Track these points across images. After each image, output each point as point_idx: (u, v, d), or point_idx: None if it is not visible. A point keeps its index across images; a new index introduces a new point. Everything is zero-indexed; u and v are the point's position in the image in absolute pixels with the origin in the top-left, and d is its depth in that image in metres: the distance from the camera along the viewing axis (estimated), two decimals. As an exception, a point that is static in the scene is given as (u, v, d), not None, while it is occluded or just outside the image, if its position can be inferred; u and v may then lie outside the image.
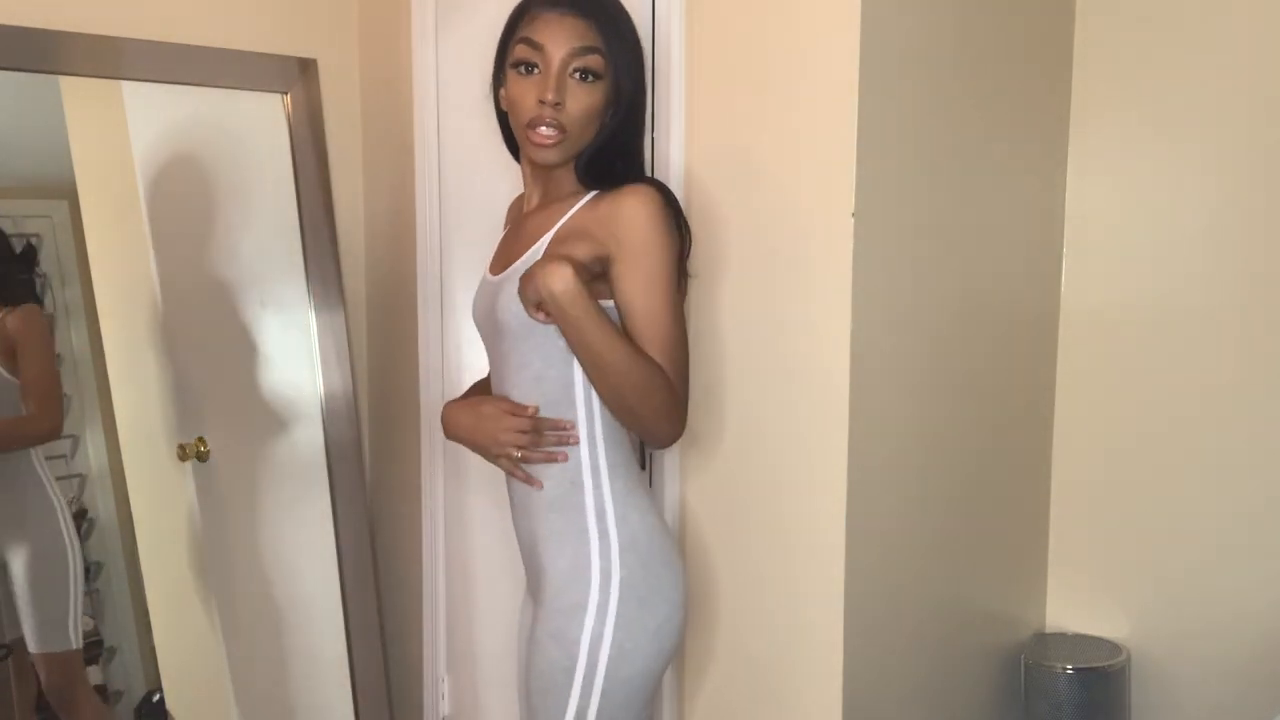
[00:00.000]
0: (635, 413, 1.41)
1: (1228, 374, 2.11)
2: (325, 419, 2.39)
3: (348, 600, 2.39)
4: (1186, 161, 2.15)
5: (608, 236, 1.41)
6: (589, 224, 1.44)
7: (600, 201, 1.45)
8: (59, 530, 2.17)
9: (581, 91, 1.43)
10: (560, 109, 1.42)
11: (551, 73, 1.42)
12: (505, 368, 1.49)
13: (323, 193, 2.40)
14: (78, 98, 2.16)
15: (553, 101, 1.41)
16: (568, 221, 1.46)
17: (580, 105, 1.43)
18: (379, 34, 2.47)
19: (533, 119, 1.43)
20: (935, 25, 1.84)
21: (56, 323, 2.23)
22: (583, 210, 1.46)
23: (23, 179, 2.18)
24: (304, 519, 2.43)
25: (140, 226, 2.32)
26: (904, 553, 1.89)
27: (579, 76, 1.43)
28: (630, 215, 1.40)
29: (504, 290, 1.47)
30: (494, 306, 1.49)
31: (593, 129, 1.46)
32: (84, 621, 2.28)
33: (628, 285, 1.40)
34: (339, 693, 2.41)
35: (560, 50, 1.42)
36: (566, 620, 1.45)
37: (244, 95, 2.30)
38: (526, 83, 1.44)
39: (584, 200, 1.48)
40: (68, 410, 2.25)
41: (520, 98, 1.44)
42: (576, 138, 1.45)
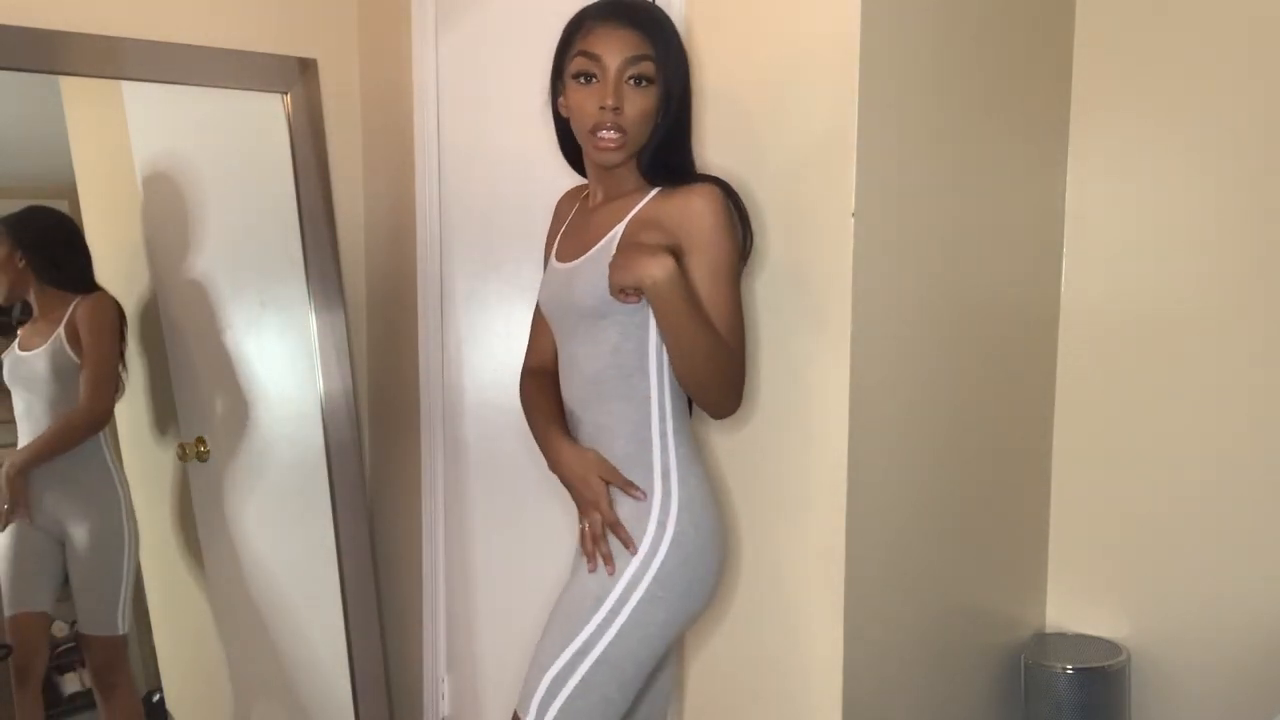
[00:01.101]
0: (706, 386, 1.57)
1: (1228, 374, 2.11)
2: (325, 419, 2.39)
3: (348, 600, 2.39)
4: (1186, 162, 2.15)
5: (677, 229, 1.56)
6: (659, 217, 1.58)
7: (667, 198, 1.60)
8: (120, 518, 2.26)
9: (637, 96, 1.56)
10: (619, 113, 1.55)
11: (609, 81, 1.55)
12: (580, 344, 1.62)
13: (323, 193, 2.40)
14: (78, 98, 2.16)
15: (612, 107, 1.54)
16: (637, 214, 1.60)
17: (637, 109, 1.56)
18: (379, 34, 2.47)
19: (595, 124, 1.56)
20: (935, 26, 1.84)
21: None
22: (650, 205, 1.60)
23: (23, 179, 2.18)
24: (304, 519, 2.43)
25: (140, 226, 2.32)
26: (904, 553, 1.89)
27: (633, 83, 1.56)
28: (700, 212, 1.56)
29: (581, 275, 1.61)
30: (570, 290, 1.62)
31: (649, 129, 1.59)
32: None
33: (696, 275, 1.55)
34: (339, 693, 2.41)
35: (616, 60, 1.55)
36: (613, 556, 1.59)
37: (244, 95, 2.30)
38: (586, 91, 1.57)
39: (649, 196, 1.62)
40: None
41: (582, 105, 1.58)
42: (636, 138, 1.58)
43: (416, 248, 2.38)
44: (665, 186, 1.62)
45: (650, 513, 1.59)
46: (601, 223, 1.64)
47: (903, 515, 1.88)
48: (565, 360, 1.67)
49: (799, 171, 1.72)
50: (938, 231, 1.90)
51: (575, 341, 1.63)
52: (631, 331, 1.59)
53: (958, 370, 1.99)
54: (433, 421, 2.39)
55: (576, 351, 1.63)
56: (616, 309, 1.57)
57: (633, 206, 1.61)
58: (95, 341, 2.18)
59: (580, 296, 1.60)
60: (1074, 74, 2.23)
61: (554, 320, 1.69)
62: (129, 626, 2.28)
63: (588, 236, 1.64)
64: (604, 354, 1.60)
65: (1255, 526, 2.10)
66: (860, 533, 1.72)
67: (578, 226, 1.70)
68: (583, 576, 1.60)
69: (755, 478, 1.82)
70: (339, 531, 2.39)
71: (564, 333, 1.66)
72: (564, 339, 1.67)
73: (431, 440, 2.40)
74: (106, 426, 2.23)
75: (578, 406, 1.65)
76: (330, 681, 2.42)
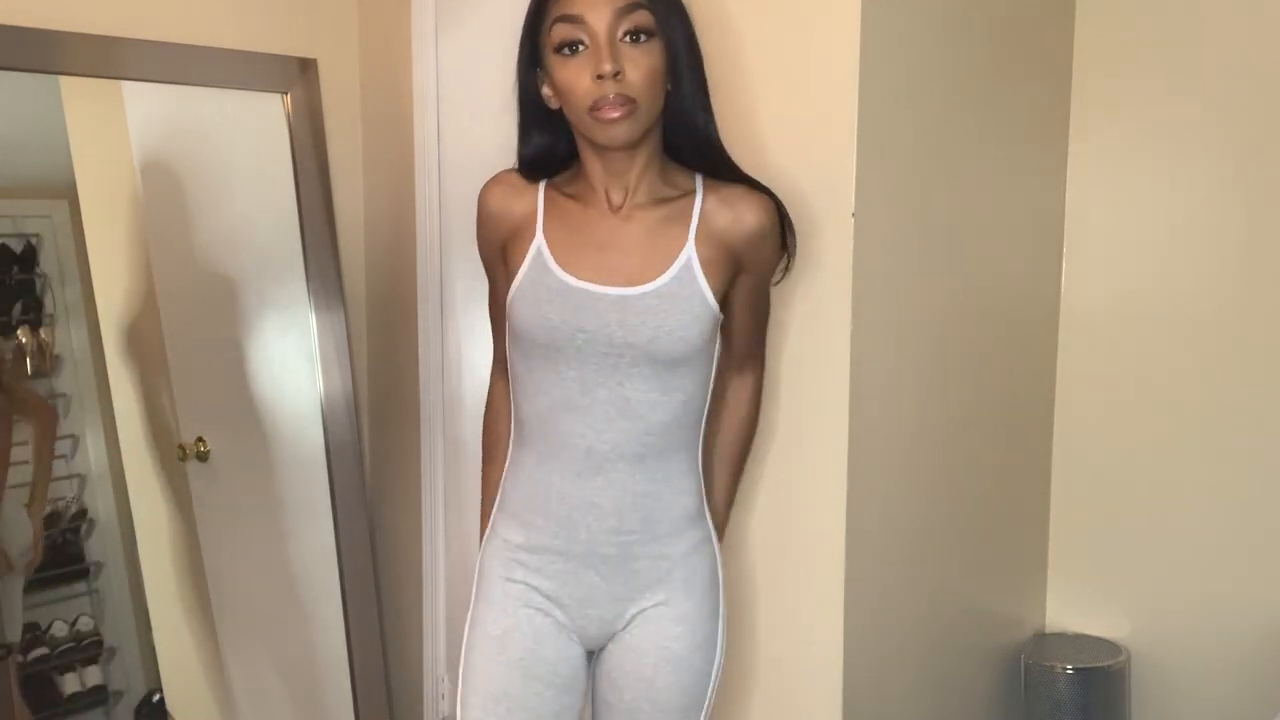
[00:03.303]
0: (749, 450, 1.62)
1: (1228, 374, 2.11)
2: (325, 419, 2.39)
3: (348, 600, 2.39)
4: (1186, 161, 2.15)
5: (742, 251, 1.43)
6: (718, 231, 1.40)
7: (719, 199, 1.41)
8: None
9: (638, 54, 1.31)
10: (621, 79, 1.30)
11: (602, 43, 1.30)
12: (641, 389, 1.38)
13: (323, 193, 2.40)
14: (78, 98, 2.16)
15: (612, 72, 1.29)
16: (699, 228, 1.40)
17: (641, 70, 1.31)
18: (379, 34, 2.46)
19: (595, 100, 1.30)
20: (936, 25, 1.84)
21: (56, 323, 2.23)
22: (704, 212, 1.40)
23: (23, 179, 2.18)
24: (304, 519, 2.43)
25: (140, 226, 2.32)
26: (904, 552, 1.89)
27: (630, 39, 1.32)
28: (764, 235, 1.43)
29: (653, 310, 1.36)
30: (627, 323, 1.36)
31: (660, 94, 1.35)
32: (84, 621, 2.28)
33: (746, 296, 1.49)
34: (339, 693, 2.41)
35: (603, 16, 1.30)
36: (711, 626, 1.49)
37: (244, 95, 2.30)
38: (575, 63, 1.31)
39: (698, 197, 1.41)
40: (67, 411, 2.25)
41: (573, 81, 1.32)
42: (648, 107, 1.33)
43: (416, 248, 2.38)
44: (709, 175, 1.43)
45: (718, 570, 1.52)
46: (648, 238, 1.38)
47: (903, 515, 1.87)
48: (600, 404, 1.38)
49: (799, 171, 1.72)
50: (938, 231, 1.90)
51: (631, 386, 1.37)
52: (705, 378, 1.45)
53: (958, 370, 1.99)
54: (433, 421, 2.39)
55: (631, 398, 1.37)
56: (703, 354, 1.41)
57: (688, 215, 1.39)
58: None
59: (660, 337, 1.35)
60: (1074, 74, 2.22)
61: (576, 353, 1.38)
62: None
63: (632, 254, 1.38)
64: (676, 402, 1.40)
65: (1255, 526, 2.10)
66: (860, 533, 1.72)
67: (593, 234, 1.40)
68: (684, 657, 1.46)
69: (755, 477, 1.82)
70: (339, 531, 2.39)
71: (603, 372, 1.38)
72: (601, 379, 1.38)
73: (431, 440, 2.40)
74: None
75: (622, 463, 1.39)
76: (330, 681, 2.42)
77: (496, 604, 1.47)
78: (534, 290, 1.39)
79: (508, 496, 1.49)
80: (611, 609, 1.45)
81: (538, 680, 1.45)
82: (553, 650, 1.46)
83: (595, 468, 1.40)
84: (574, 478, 1.40)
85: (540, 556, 1.45)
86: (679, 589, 1.46)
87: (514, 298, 1.42)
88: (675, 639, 1.45)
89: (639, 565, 1.44)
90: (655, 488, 1.42)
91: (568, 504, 1.42)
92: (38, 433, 2.17)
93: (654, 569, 1.45)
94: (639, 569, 1.44)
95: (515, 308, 1.41)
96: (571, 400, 1.39)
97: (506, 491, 1.50)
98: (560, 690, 1.46)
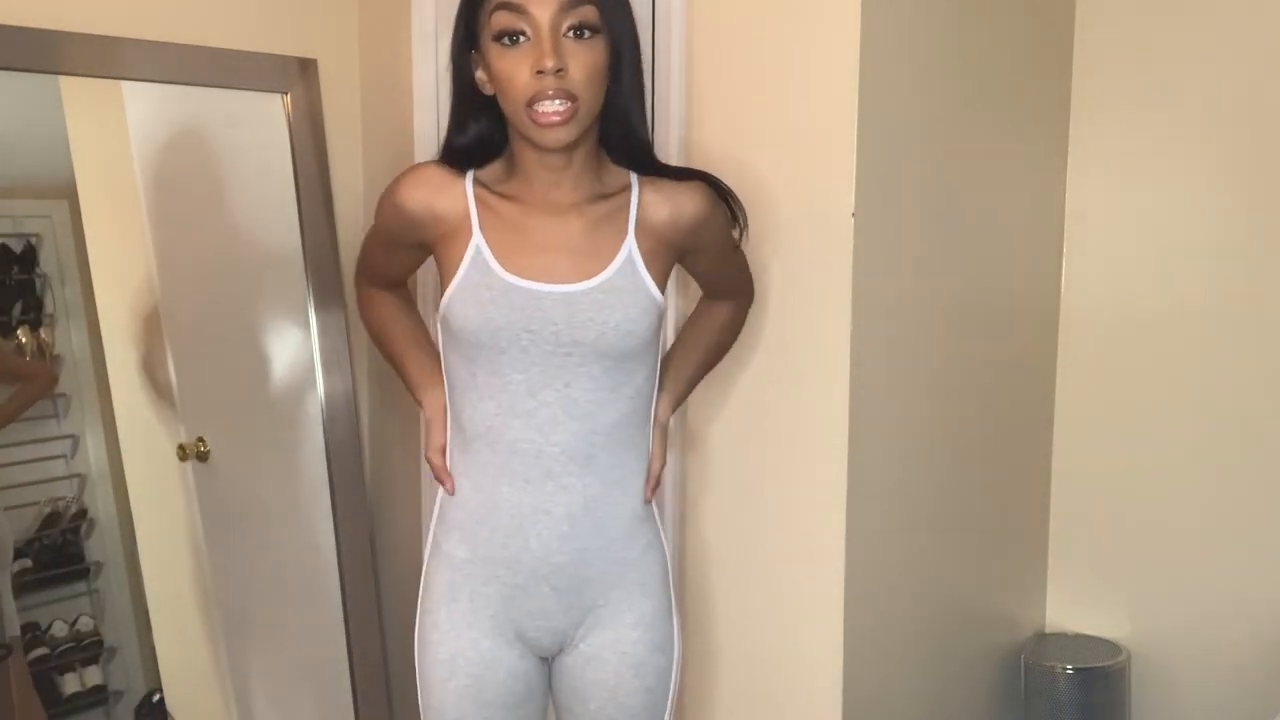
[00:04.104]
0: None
1: (1228, 373, 2.11)
2: (325, 419, 2.39)
3: (348, 600, 2.39)
4: (1186, 161, 2.15)
5: (681, 240, 1.42)
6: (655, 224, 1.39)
7: (654, 193, 1.39)
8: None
9: (581, 50, 1.27)
10: (563, 75, 1.25)
11: (544, 36, 1.25)
12: (588, 388, 1.36)
13: (323, 193, 2.40)
14: (78, 98, 2.16)
15: (554, 68, 1.24)
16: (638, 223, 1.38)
17: (584, 67, 1.27)
18: (379, 34, 2.46)
19: (534, 95, 1.26)
20: (935, 25, 1.84)
21: (56, 323, 2.23)
22: (641, 207, 1.39)
23: (23, 179, 2.18)
24: (304, 519, 2.43)
25: (140, 226, 2.32)
26: (904, 552, 1.89)
27: (573, 35, 1.27)
28: (709, 217, 1.42)
29: (601, 305, 1.34)
30: (575, 320, 1.33)
31: (601, 92, 1.31)
32: (83, 621, 2.28)
33: (708, 263, 1.51)
34: (339, 693, 2.41)
35: (548, 9, 1.25)
36: (667, 625, 1.47)
37: (244, 95, 2.30)
38: (515, 54, 1.26)
39: (634, 192, 1.39)
40: (67, 411, 2.25)
41: (511, 73, 1.26)
42: (589, 106, 1.29)
43: (416, 248, 2.37)
44: (640, 173, 1.41)
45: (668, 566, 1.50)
46: (588, 235, 1.36)
47: (903, 515, 1.87)
48: (547, 407, 1.36)
49: (799, 171, 1.72)
50: (938, 231, 1.90)
51: (578, 386, 1.35)
52: (651, 373, 1.42)
53: (958, 370, 1.99)
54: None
55: (579, 399, 1.35)
56: (649, 349, 1.39)
57: (626, 210, 1.37)
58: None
59: (606, 333, 1.34)
60: (1074, 73, 2.23)
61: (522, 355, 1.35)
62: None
63: (574, 252, 1.35)
64: (624, 400, 1.38)
65: (1255, 527, 2.10)
66: (860, 532, 1.72)
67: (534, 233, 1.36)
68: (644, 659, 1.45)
69: (755, 477, 1.82)
70: (339, 531, 2.39)
71: (549, 373, 1.35)
72: (548, 380, 1.35)
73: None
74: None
75: (575, 463, 1.37)
76: (330, 681, 2.42)
77: (441, 627, 1.44)
78: (475, 292, 1.35)
79: (451, 506, 1.45)
80: (565, 619, 1.43)
81: (489, 705, 1.43)
82: (504, 672, 1.43)
83: (545, 473, 1.36)
84: (523, 485, 1.37)
85: (488, 570, 1.42)
86: (634, 591, 1.44)
87: (452, 300, 1.36)
88: (634, 643, 1.43)
89: (591, 573, 1.41)
90: (606, 490, 1.39)
91: (518, 514, 1.38)
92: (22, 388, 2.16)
93: (606, 575, 1.42)
94: (591, 576, 1.41)
95: (455, 310, 1.36)
96: (518, 405, 1.35)
97: (449, 501, 1.45)
98: (515, 707, 1.44)
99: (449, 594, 1.44)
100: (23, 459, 2.18)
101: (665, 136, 1.86)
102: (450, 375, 1.43)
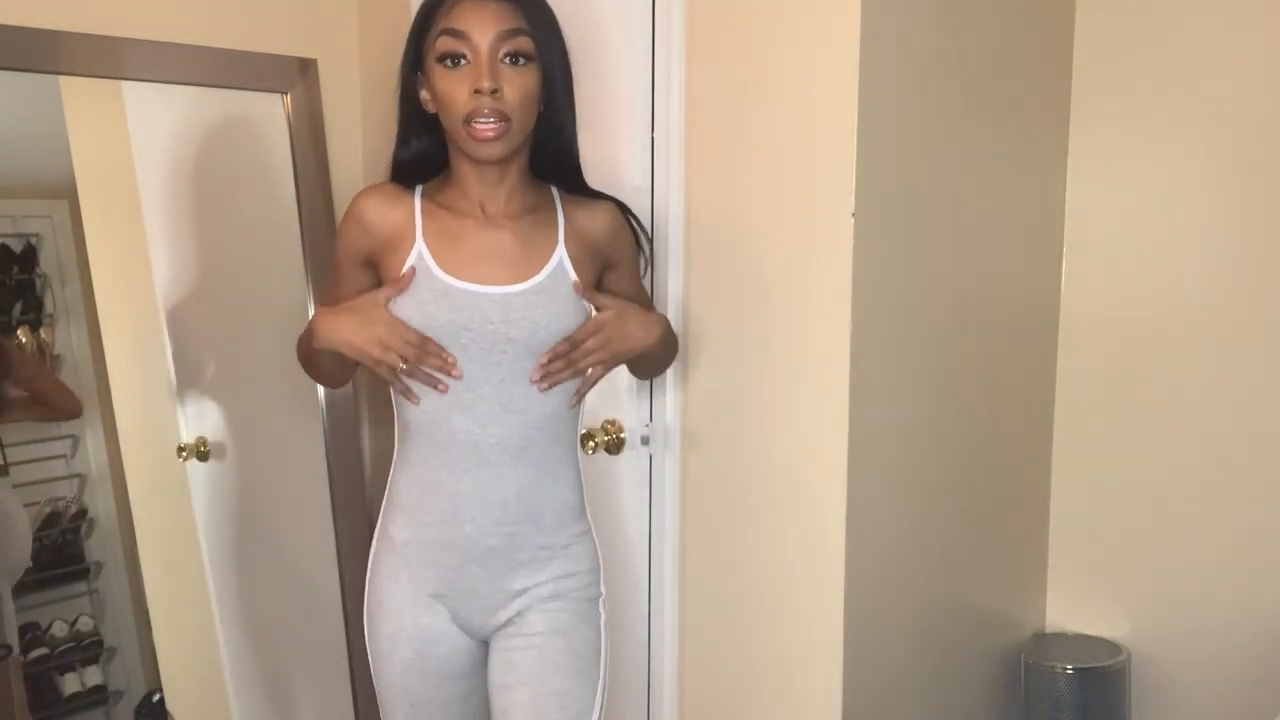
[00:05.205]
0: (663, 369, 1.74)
1: (1227, 373, 2.11)
2: (325, 419, 2.39)
3: (347, 600, 2.39)
4: (1186, 162, 2.15)
5: (605, 246, 1.56)
6: (584, 232, 1.54)
7: (576, 208, 1.55)
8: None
9: (516, 75, 1.41)
10: (499, 96, 1.39)
11: (483, 60, 1.39)
12: (522, 387, 1.47)
13: (323, 193, 2.40)
14: (78, 98, 2.16)
15: (490, 89, 1.38)
16: (566, 231, 1.52)
17: (517, 90, 1.41)
18: (379, 34, 2.46)
19: (470, 112, 1.40)
20: (935, 25, 1.84)
21: (56, 323, 2.23)
22: (568, 219, 1.54)
23: (23, 179, 2.18)
24: (304, 519, 2.43)
25: (140, 226, 2.32)
26: (904, 553, 1.89)
27: (509, 61, 1.41)
28: (618, 229, 1.58)
29: (535, 305, 1.46)
30: (510, 320, 1.45)
31: (532, 114, 1.45)
32: (83, 621, 2.28)
33: (628, 282, 1.62)
34: (339, 692, 2.41)
35: (487, 36, 1.39)
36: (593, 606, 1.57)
37: (244, 95, 2.30)
38: (456, 76, 1.40)
39: (559, 205, 1.54)
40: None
41: (452, 92, 1.40)
42: (520, 126, 1.43)
43: (416, 248, 2.38)
44: (563, 190, 1.55)
45: (594, 534, 1.60)
46: (526, 241, 1.48)
47: (902, 515, 1.88)
48: (484, 401, 1.46)
49: (799, 171, 1.72)
50: (938, 231, 1.90)
51: (513, 382, 1.46)
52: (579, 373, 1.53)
53: (957, 370, 1.99)
54: (433, 421, 2.38)
55: (513, 394, 1.47)
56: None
57: (554, 221, 1.52)
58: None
59: (538, 331, 1.46)
60: (1074, 74, 2.23)
61: (462, 351, 1.46)
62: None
63: (509, 259, 1.47)
64: (555, 395, 1.50)
65: (1255, 526, 2.10)
66: (860, 533, 1.72)
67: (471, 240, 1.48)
68: (574, 628, 1.53)
69: (755, 477, 1.82)
70: (339, 531, 2.39)
71: (486, 369, 1.46)
72: (485, 376, 1.46)
73: (431, 440, 2.40)
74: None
75: (509, 453, 1.48)
76: (330, 681, 2.42)
77: (385, 605, 1.54)
78: (418, 294, 1.46)
79: (396, 492, 1.55)
80: (494, 598, 1.52)
81: (433, 676, 1.54)
82: (445, 647, 1.53)
83: (481, 461, 1.47)
84: (460, 473, 1.48)
85: (426, 552, 1.52)
86: (560, 573, 1.54)
87: (397, 302, 1.46)
88: (559, 610, 1.53)
89: (522, 556, 1.52)
90: (537, 480, 1.50)
91: (455, 498, 1.49)
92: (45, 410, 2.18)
93: (535, 559, 1.52)
94: (521, 560, 1.52)
95: (400, 311, 1.45)
96: (457, 398, 1.46)
97: (395, 488, 1.55)
98: (458, 679, 1.55)
99: (391, 574, 1.54)
100: (23, 459, 2.18)
101: (665, 137, 1.86)
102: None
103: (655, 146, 1.88)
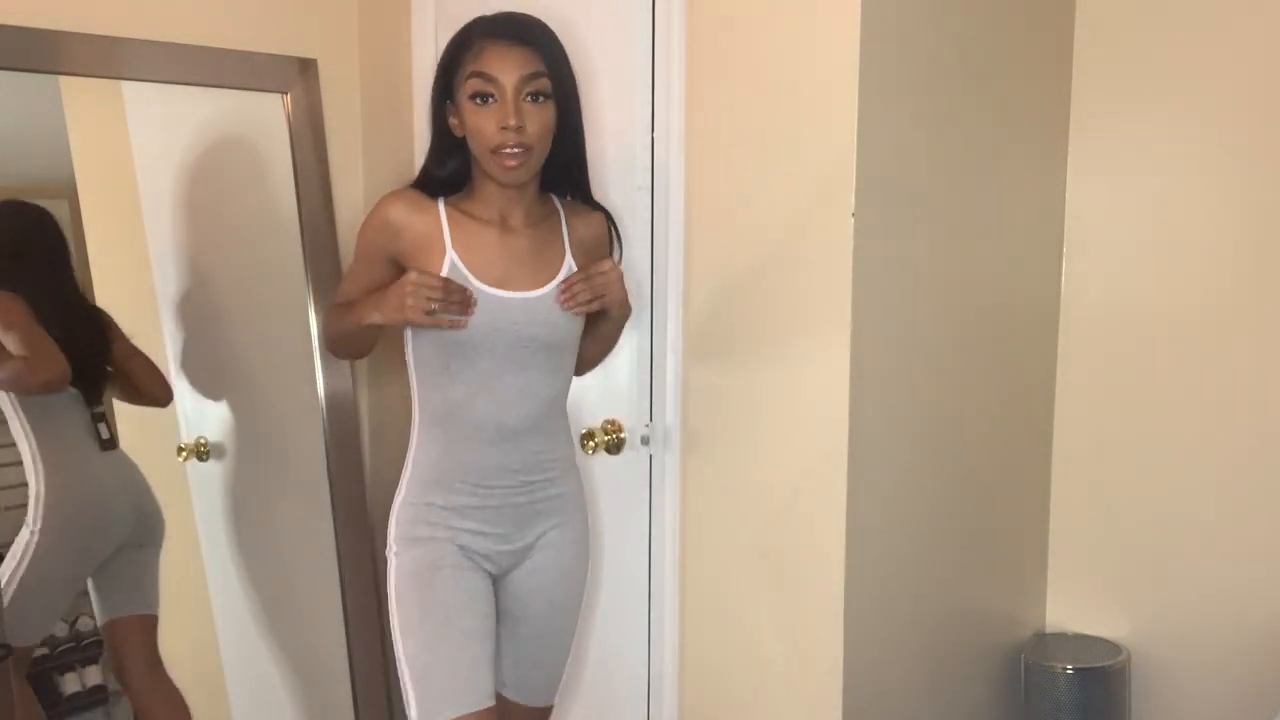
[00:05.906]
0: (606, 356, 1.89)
1: (1227, 373, 2.11)
2: (325, 419, 2.39)
3: (348, 600, 2.39)
4: (1186, 161, 2.15)
5: (595, 252, 1.77)
6: (582, 238, 1.75)
7: (575, 216, 1.76)
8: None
9: (535, 112, 1.60)
10: (522, 131, 1.59)
11: (508, 100, 1.58)
12: (538, 373, 1.69)
13: (323, 193, 2.40)
14: (78, 98, 2.16)
15: (515, 126, 1.58)
16: (571, 238, 1.73)
17: (537, 125, 1.61)
18: (379, 34, 2.46)
19: (498, 144, 1.59)
20: (935, 26, 1.84)
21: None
22: (571, 226, 1.74)
23: (23, 179, 2.18)
24: (304, 519, 2.43)
25: (140, 226, 2.32)
26: (904, 553, 1.89)
27: (531, 99, 1.60)
28: (602, 240, 1.79)
29: (554, 308, 1.68)
30: (534, 321, 1.66)
31: (549, 143, 1.65)
32: (83, 621, 2.28)
33: None
34: (339, 693, 2.41)
35: (512, 79, 1.59)
36: (587, 543, 1.83)
37: (244, 95, 2.30)
38: (485, 112, 1.60)
39: (563, 216, 1.75)
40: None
41: (481, 126, 1.60)
42: (540, 153, 1.64)
43: (416, 248, 2.38)
44: (565, 199, 1.76)
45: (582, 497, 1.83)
46: (541, 250, 1.70)
47: (902, 515, 1.88)
48: (508, 388, 1.68)
49: (799, 171, 1.72)
50: (938, 231, 1.90)
51: (531, 371, 1.69)
52: (574, 359, 1.76)
53: (958, 369, 1.99)
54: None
55: (531, 380, 1.69)
56: (576, 336, 1.73)
57: (559, 231, 1.73)
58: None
59: (554, 329, 1.68)
60: (1074, 73, 2.23)
61: (491, 348, 1.66)
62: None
63: (527, 265, 1.68)
64: (560, 380, 1.74)
65: (1255, 527, 2.10)
66: (860, 533, 1.73)
67: (496, 249, 1.68)
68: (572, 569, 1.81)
69: (756, 476, 1.82)
70: (339, 531, 2.39)
71: (511, 361, 1.67)
72: (509, 367, 1.67)
73: (431, 440, 2.40)
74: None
75: (525, 431, 1.71)
76: (330, 681, 2.42)
77: (422, 545, 1.70)
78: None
79: (423, 469, 1.73)
80: (521, 540, 1.75)
81: (470, 594, 1.70)
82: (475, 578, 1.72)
83: (505, 438, 1.70)
84: (487, 448, 1.70)
85: (462, 515, 1.71)
86: (570, 515, 1.80)
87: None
88: (570, 557, 1.80)
89: (539, 505, 1.76)
90: (546, 444, 1.75)
91: (484, 470, 1.71)
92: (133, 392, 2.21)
93: (550, 504, 1.77)
94: (540, 508, 1.76)
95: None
96: (485, 386, 1.68)
97: (421, 465, 1.73)
98: (485, 600, 1.72)
99: (427, 530, 1.71)
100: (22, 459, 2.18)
101: (665, 137, 1.86)
102: (420, 364, 1.72)
103: (655, 146, 1.88)
